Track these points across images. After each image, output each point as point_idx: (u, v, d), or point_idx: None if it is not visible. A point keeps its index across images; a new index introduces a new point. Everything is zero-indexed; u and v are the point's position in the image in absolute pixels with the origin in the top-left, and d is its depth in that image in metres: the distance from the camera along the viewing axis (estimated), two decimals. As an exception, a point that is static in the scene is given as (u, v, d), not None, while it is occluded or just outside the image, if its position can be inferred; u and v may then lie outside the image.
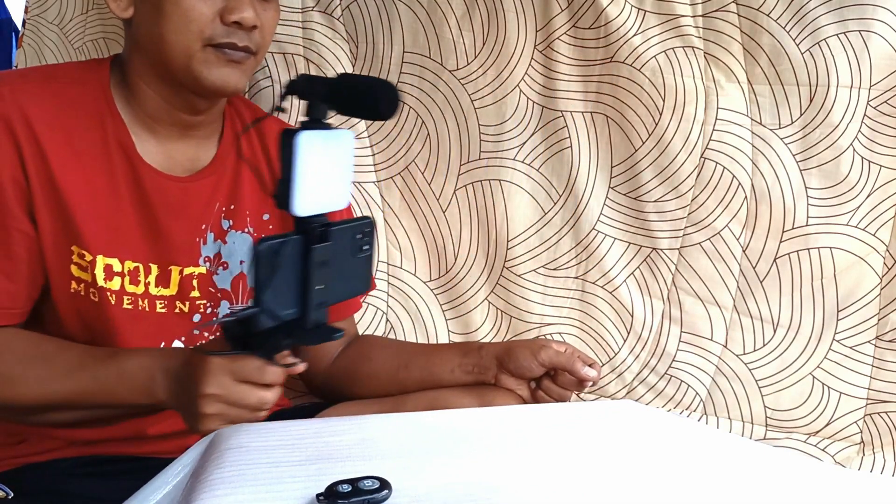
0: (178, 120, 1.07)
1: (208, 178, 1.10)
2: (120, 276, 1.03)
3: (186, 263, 1.08)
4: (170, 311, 1.08)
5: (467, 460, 0.76)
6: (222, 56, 1.00)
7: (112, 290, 1.02)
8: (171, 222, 1.06)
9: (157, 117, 1.06)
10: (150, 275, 1.05)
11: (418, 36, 1.50)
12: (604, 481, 0.72)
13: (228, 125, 1.15)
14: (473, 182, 1.50)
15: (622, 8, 1.38)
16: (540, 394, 1.15)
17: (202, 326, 1.08)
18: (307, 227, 0.76)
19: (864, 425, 1.36)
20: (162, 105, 1.05)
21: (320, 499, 0.65)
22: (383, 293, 1.53)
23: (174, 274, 1.07)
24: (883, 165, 1.32)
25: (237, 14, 0.99)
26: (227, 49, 1.00)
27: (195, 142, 1.10)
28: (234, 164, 1.14)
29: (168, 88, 1.04)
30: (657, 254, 1.44)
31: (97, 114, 1.02)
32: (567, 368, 1.11)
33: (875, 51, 1.30)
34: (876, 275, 1.35)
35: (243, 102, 1.20)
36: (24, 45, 1.82)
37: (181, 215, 1.07)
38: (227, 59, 1.01)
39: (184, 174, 1.08)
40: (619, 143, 1.44)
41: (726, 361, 1.42)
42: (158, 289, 1.06)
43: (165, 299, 1.07)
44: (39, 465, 1.04)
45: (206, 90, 1.03)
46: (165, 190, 1.05)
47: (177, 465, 0.82)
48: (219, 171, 1.11)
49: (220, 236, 1.12)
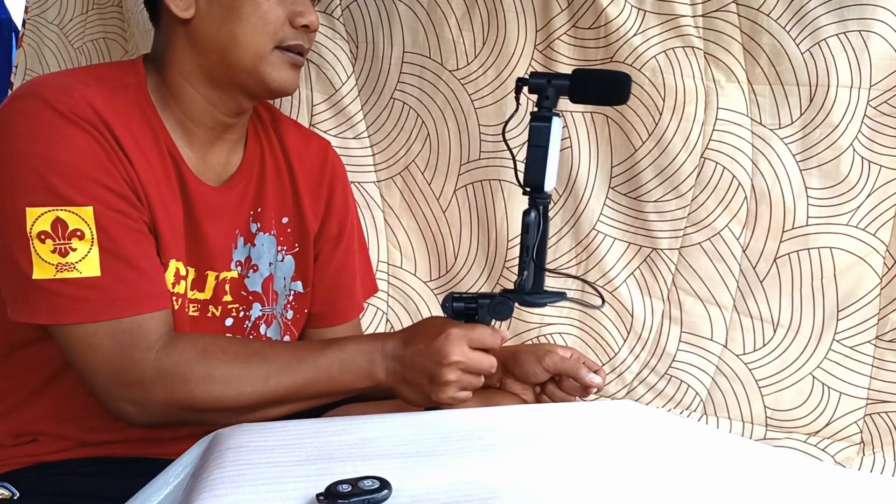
0: (218, 122, 1.07)
1: (239, 184, 1.11)
2: (176, 280, 1.04)
3: (221, 268, 1.09)
4: (202, 314, 1.08)
5: (467, 460, 0.76)
6: (287, 59, 1.04)
7: (178, 294, 1.03)
8: (209, 227, 1.07)
9: (197, 119, 1.06)
10: (189, 278, 1.06)
11: (418, 36, 1.50)
12: (604, 481, 0.72)
13: (251, 127, 1.15)
14: (473, 182, 1.50)
15: (622, 8, 1.38)
16: (544, 398, 1.15)
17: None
18: (544, 203, 0.93)
19: (864, 425, 1.36)
20: (205, 107, 1.05)
21: (320, 499, 0.65)
22: (383, 293, 1.53)
23: (210, 279, 1.08)
24: (883, 165, 1.33)
25: (306, 18, 1.04)
26: (292, 52, 1.04)
27: (227, 145, 1.11)
28: (260, 166, 1.14)
29: (216, 90, 1.05)
30: (657, 254, 1.44)
31: (145, 117, 1.02)
32: (572, 374, 1.10)
33: (875, 51, 1.30)
34: (876, 275, 1.35)
35: (261, 103, 1.21)
36: (24, 45, 1.82)
37: (217, 221, 1.08)
38: (291, 62, 1.05)
39: (216, 178, 1.09)
40: (619, 143, 1.44)
41: (726, 361, 1.42)
42: (194, 292, 1.07)
43: (199, 303, 1.07)
44: (48, 464, 1.03)
45: (270, 92, 1.07)
46: (205, 195, 1.06)
47: (178, 465, 0.82)
48: (247, 176, 1.12)
49: (249, 240, 1.12)
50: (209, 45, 1.03)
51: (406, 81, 1.51)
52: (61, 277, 0.90)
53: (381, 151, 1.54)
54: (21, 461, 1.03)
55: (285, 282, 1.16)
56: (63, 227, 0.90)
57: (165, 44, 1.05)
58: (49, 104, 0.92)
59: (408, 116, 1.52)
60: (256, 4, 1.01)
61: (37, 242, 0.89)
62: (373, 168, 1.54)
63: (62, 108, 0.92)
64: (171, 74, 1.05)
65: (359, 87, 1.53)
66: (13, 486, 1.00)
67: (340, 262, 1.21)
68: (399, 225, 1.54)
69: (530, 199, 0.93)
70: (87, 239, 0.91)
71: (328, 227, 1.20)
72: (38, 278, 0.90)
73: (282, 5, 1.03)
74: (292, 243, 1.18)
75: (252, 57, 1.02)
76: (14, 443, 1.05)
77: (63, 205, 0.90)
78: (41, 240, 0.89)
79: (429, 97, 1.50)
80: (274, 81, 1.04)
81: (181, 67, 1.04)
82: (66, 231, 0.90)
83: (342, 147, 1.52)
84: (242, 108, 1.09)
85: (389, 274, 1.54)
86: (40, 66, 1.80)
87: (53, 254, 0.90)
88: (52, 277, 0.89)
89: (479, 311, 0.98)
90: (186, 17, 1.02)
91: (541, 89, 0.95)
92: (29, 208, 0.89)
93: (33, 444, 1.04)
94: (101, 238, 0.91)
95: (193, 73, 1.04)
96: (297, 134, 1.21)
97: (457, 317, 1.00)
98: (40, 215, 0.90)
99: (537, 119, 0.94)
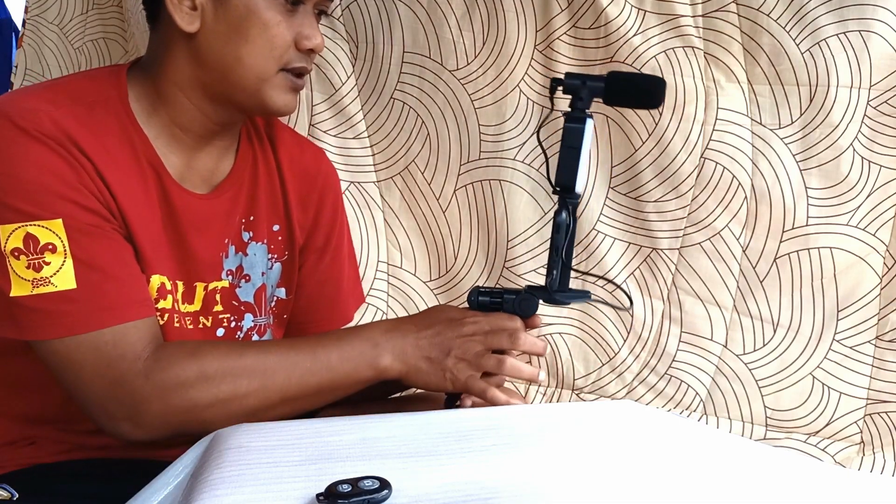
0: (207, 129, 1.05)
1: (229, 191, 1.09)
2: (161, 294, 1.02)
3: (211, 279, 1.07)
4: (194, 326, 1.07)
5: (467, 460, 0.76)
6: (290, 83, 1.02)
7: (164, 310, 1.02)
8: (195, 238, 1.04)
9: (186, 126, 1.03)
10: (178, 292, 1.04)
11: (418, 36, 1.50)
12: (604, 481, 0.72)
13: (243, 133, 1.14)
14: (473, 182, 1.50)
15: (622, 8, 1.38)
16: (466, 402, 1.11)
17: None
18: (574, 203, 0.95)
19: (864, 425, 1.36)
20: (195, 115, 1.03)
21: (320, 499, 0.65)
22: (383, 293, 1.53)
23: (199, 290, 1.06)
24: (883, 165, 1.32)
25: (312, 42, 1.02)
26: (296, 74, 1.03)
27: (217, 151, 1.08)
28: (252, 172, 1.12)
29: (211, 103, 1.03)
30: (657, 254, 1.44)
31: (124, 131, 0.99)
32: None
33: (875, 51, 1.30)
34: (876, 275, 1.35)
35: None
36: (24, 45, 1.82)
37: (205, 231, 1.06)
38: (292, 85, 1.03)
39: (205, 185, 1.07)
40: (619, 143, 1.44)
41: (726, 361, 1.42)
42: (185, 305, 1.05)
43: (190, 315, 1.06)
44: (48, 466, 1.03)
45: (270, 113, 1.06)
46: (191, 206, 1.04)
47: (178, 466, 0.82)
48: (238, 183, 1.10)
49: (240, 248, 1.10)
50: (211, 61, 1.00)
51: (406, 81, 1.51)
52: (38, 293, 0.89)
53: (381, 151, 1.53)
54: (20, 463, 1.03)
55: (273, 289, 1.15)
56: (34, 242, 0.89)
57: (163, 51, 1.02)
58: (13, 122, 0.91)
59: (408, 116, 1.52)
60: (265, 27, 0.98)
61: (12, 259, 0.89)
62: (373, 168, 1.54)
63: (27, 125, 0.90)
64: (163, 82, 1.02)
65: (359, 87, 1.53)
66: (12, 486, 1.00)
67: (325, 273, 1.19)
68: (399, 225, 1.54)
69: (560, 199, 0.94)
70: (59, 252, 0.89)
71: (314, 240, 1.18)
72: (16, 296, 0.89)
73: (289, 28, 1.00)
74: (282, 251, 1.16)
75: (255, 79, 1.00)
76: (13, 445, 1.05)
77: (31, 220, 0.89)
78: (15, 256, 0.89)
79: (429, 97, 1.50)
80: (274, 105, 1.02)
81: (177, 77, 1.02)
82: (37, 246, 0.89)
83: (342, 147, 1.52)
84: (234, 120, 1.07)
85: (389, 274, 1.54)
86: (40, 66, 1.80)
87: (28, 269, 0.89)
88: (29, 294, 0.88)
89: (503, 306, 0.98)
90: (191, 31, 0.99)
91: (575, 90, 0.95)
92: (0, 226, 0.88)
93: (32, 447, 1.04)
94: (73, 249, 0.90)
95: (189, 85, 1.02)
96: (291, 141, 1.19)
97: (481, 310, 0.99)
98: (11, 232, 0.89)
99: (572, 120, 0.94)
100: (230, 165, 1.10)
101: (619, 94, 0.96)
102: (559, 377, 1.49)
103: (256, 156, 1.14)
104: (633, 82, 0.98)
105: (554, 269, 0.95)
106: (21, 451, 1.04)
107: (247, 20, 0.98)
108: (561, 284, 0.96)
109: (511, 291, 0.98)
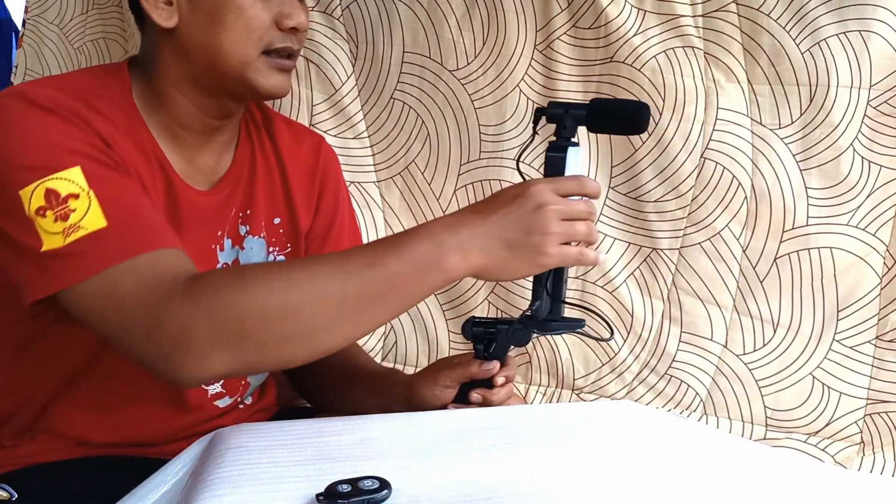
0: (207, 126, 1.06)
1: (229, 185, 1.10)
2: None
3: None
4: None
5: (467, 460, 0.76)
6: (275, 64, 1.02)
7: None
8: (192, 232, 1.05)
9: (186, 124, 1.04)
10: None
11: (418, 36, 1.50)
12: (604, 481, 0.72)
13: (243, 127, 1.15)
14: (473, 182, 1.50)
15: (622, 8, 1.38)
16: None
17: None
18: None
19: (864, 425, 1.36)
20: (194, 112, 1.04)
21: (320, 499, 0.65)
22: (383, 293, 1.53)
23: None
24: (883, 165, 1.32)
25: (294, 20, 1.01)
26: (280, 56, 1.02)
27: (217, 148, 1.09)
28: (250, 168, 1.13)
29: (205, 96, 1.04)
30: (657, 254, 1.44)
31: (131, 125, 1.00)
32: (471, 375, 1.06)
33: (875, 51, 1.30)
34: (876, 275, 1.35)
35: (253, 102, 1.20)
36: (24, 45, 1.82)
37: (203, 224, 1.07)
38: (279, 67, 1.03)
39: (206, 182, 1.08)
40: (618, 143, 1.44)
41: (726, 361, 1.42)
42: None
43: None
44: (46, 465, 1.03)
45: (260, 97, 1.06)
46: (193, 202, 1.05)
47: (176, 464, 0.82)
48: (237, 177, 1.11)
49: (237, 242, 1.11)
50: (195, 53, 1.01)
51: (406, 81, 1.51)
52: (70, 241, 0.86)
53: (381, 151, 1.53)
54: (19, 461, 1.03)
55: None
56: (55, 196, 0.87)
57: (152, 51, 1.04)
58: (27, 99, 0.91)
59: (408, 116, 1.52)
60: (240, 10, 0.99)
61: (39, 219, 0.87)
62: (373, 168, 1.54)
63: (41, 101, 0.91)
64: (158, 81, 1.03)
65: (359, 87, 1.53)
66: (11, 486, 1.00)
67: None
68: (399, 225, 1.54)
69: None
70: (83, 197, 0.87)
71: (317, 225, 1.20)
72: (49, 249, 0.86)
73: (267, 9, 1.00)
74: (284, 244, 1.17)
75: (238, 65, 1.00)
76: (12, 443, 1.05)
77: (49, 174, 0.88)
78: (41, 214, 0.87)
79: (429, 97, 1.50)
80: (262, 87, 1.02)
81: (169, 74, 1.03)
82: (59, 198, 0.88)
83: (342, 147, 1.52)
84: (231, 111, 1.08)
85: (389, 274, 1.54)
86: (40, 66, 1.80)
87: (56, 222, 0.86)
88: (62, 245, 0.86)
89: (497, 337, 0.98)
90: (170, 26, 1.00)
91: (558, 119, 0.94)
92: (21, 191, 0.87)
93: (31, 445, 1.04)
94: (97, 191, 0.88)
95: (181, 80, 1.03)
96: (289, 132, 1.20)
97: (476, 341, 1.00)
98: (32, 192, 0.87)
99: (553, 149, 0.93)
100: (229, 162, 1.11)
101: (602, 121, 0.95)
102: (559, 377, 1.49)
103: (255, 150, 1.15)
104: (615, 110, 0.97)
105: (538, 300, 0.94)
106: (18, 449, 1.04)
107: (222, 6, 0.99)
108: (552, 312, 0.95)
109: (505, 321, 0.98)
